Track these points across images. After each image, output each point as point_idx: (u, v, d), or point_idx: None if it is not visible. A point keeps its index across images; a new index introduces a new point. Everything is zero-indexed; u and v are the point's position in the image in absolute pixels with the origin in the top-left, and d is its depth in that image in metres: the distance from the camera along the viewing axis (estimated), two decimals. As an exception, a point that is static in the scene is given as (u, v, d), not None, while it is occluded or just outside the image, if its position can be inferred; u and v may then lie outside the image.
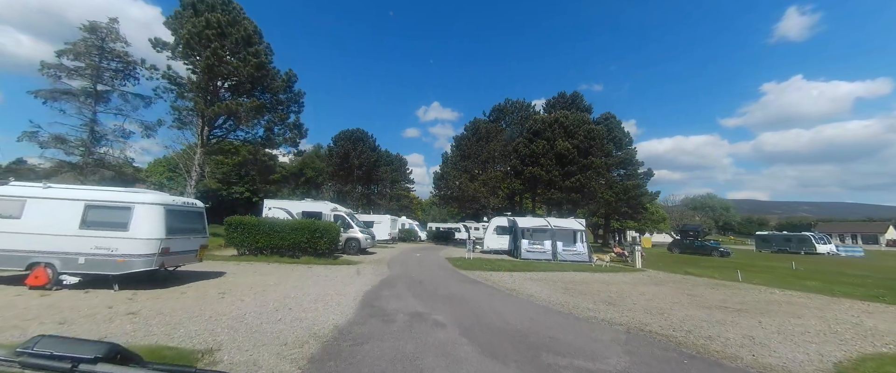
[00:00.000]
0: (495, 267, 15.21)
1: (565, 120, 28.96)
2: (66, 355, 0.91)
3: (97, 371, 0.89)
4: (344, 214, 20.07)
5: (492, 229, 24.58)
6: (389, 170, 50.94)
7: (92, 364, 0.89)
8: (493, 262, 17.47)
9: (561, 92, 37.29)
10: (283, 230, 14.98)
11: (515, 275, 13.24)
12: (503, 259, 19.86)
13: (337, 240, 15.56)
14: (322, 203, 20.27)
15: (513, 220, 23.92)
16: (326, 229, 15.14)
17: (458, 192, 33.16)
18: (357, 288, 9.21)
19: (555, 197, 27.08)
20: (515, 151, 30.32)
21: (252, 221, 15.10)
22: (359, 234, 19.69)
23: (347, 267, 13.73)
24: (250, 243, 15.01)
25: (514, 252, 22.43)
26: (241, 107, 17.89)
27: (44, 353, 0.91)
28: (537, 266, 16.44)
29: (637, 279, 13.44)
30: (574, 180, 26.41)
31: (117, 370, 0.91)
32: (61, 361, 0.90)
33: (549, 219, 23.27)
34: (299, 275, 11.10)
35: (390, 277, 11.59)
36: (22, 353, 0.92)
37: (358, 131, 45.47)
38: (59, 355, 0.91)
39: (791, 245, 45.45)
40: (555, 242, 21.08)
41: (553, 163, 27.61)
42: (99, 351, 0.92)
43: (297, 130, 21.44)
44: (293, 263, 14.11)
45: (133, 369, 0.93)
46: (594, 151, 27.22)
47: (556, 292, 9.77)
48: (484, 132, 34.78)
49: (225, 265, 12.58)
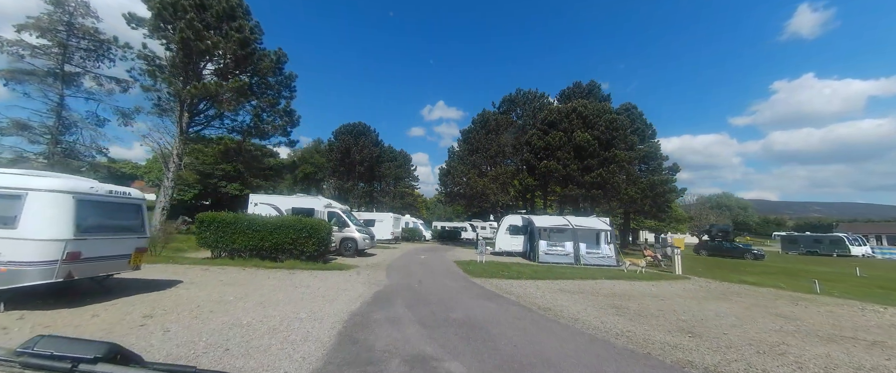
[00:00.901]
0: (514, 273, 12.82)
1: (584, 109, 26.43)
2: (66, 354, 0.91)
3: (97, 371, 0.89)
4: (339, 211, 17.79)
5: (504, 229, 22.17)
6: (393, 166, 48.67)
7: (92, 364, 0.89)
8: (509, 266, 15.08)
9: (576, 82, 34.73)
10: (263, 229, 12.71)
11: (541, 284, 10.84)
12: (519, 263, 17.45)
13: (327, 240, 13.27)
14: (314, 199, 18.01)
15: (528, 218, 21.49)
16: (315, 228, 12.85)
17: (465, 188, 30.78)
18: (340, 307, 6.87)
19: (573, 193, 24.59)
20: (528, 144, 27.85)
21: (227, 217, 12.85)
22: (356, 233, 17.40)
23: (338, 273, 11.42)
24: (226, 244, 12.77)
25: (530, 254, 20.01)
26: (222, 88, 15.66)
27: (44, 353, 0.92)
28: (562, 272, 14.01)
29: (690, 291, 10.97)
30: (595, 175, 23.90)
31: (117, 370, 0.91)
32: (61, 361, 0.90)
33: (568, 218, 20.80)
34: (274, 285, 8.80)
35: (387, 288, 9.25)
36: (22, 353, 0.92)
37: (360, 125, 43.23)
38: (59, 355, 0.91)
39: (822, 247, 42.52)
40: (577, 244, 18.62)
41: (571, 156, 25.10)
42: (99, 351, 0.93)
43: (289, 117, 19.19)
44: (274, 267, 11.84)
45: (133, 369, 0.93)
46: (617, 143, 24.67)
47: (606, 314, 7.36)
48: (494, 124, 32.36)
49: (188, 271, 10.33)
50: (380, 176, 46.12)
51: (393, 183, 51.41)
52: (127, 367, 0.93)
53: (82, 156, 19.21)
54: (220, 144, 17.34)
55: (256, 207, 17.46)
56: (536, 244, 18.80)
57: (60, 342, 0.95)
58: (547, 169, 25.21)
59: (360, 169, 42.65)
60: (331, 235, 13.66)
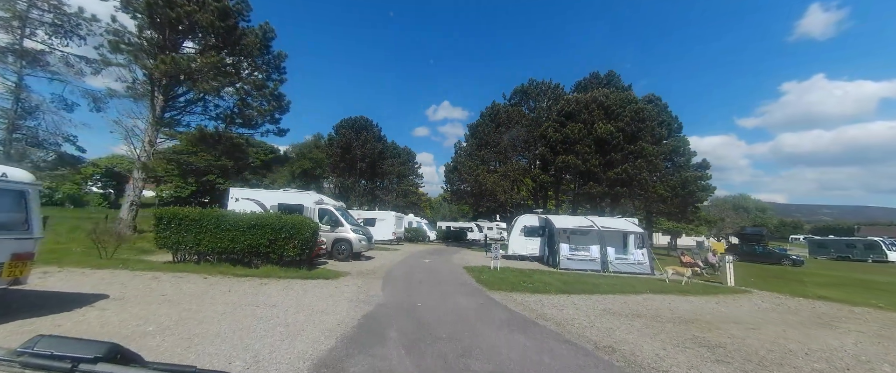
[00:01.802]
0: (539, 285, 10.46)
1: (606, 99, 23.97)
2: (66, 354, 0.90)
3: (97, 371, 0.88)
4: (331, 209, 15.54)
5: (518, 230, 19.79)
6: (396, 163, 46.41)
7: (92, 364, 0.89)
8: (529, 275, 12.72)
9: (593, 72, 32.24)
10: (235, 228, 10.47)
11: (578, 302, 8.48)
12: (539, 270, 15.08)
13: (312, 242, 11.00)
14: (304, 194, 15.77)
15: (546, 218, 19.10)
16: (297, 227, 10.58)
17: (473, 186, 28.43)
18: (303, 347, 4.58)
19: (593, 191, 22.14)
20: (543, 138, 25.44)
21: (190, 214, 10.63)
22: (350, 234, 15.13)
23: (322, 285, 9.15)
24: (190, 246, 10.55)
25: (549, 259, 17.64)
26: (195, 63, 13.48)
27: (44, 353, 0.91)
28: (594, 283, 11.62)
29: (770, 312, 8.56)
30: (619, 171, 21.45)
31: (118, 370, 0.90)
32: (61, 361, 0.89)
33: (592, 218, 18.39)
34: (228, 304, 6.55)
35: (380, 309, 6.95)
36: (22, 353, 0.91)
37: (361, 119, 41.02)
38: (59, 354, 0.91)
39: (855, 252, 39.63)
40: (604, 248, 16.22)
41: (591, 150, 22.66)
42: (99, 351, 0.92)
43: (277, 101, 16.99)
44: (245, 275, 9.61)
45: (133, 369, 0.92)
46: (643, 136, 22.20)
47: (698, 358, 4.99)
48: (504, 117, 29.96)
49: (130, 281, 8.13)
50: (382, 173, 43.88)
51: (396, 181, 49.18)
52: (127, 367, 0.93)
53: (46, 144, 17.13)
54: (195, 130, 15.17)
55: (237, 202, 15.28)
56: (557, 248, 16.43)
57: (60, 342, 0.95)
58: (564, 164, 22.80)
59: (361, 165, 40.45)
60: (317, 235, 11.38)
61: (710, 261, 16.37)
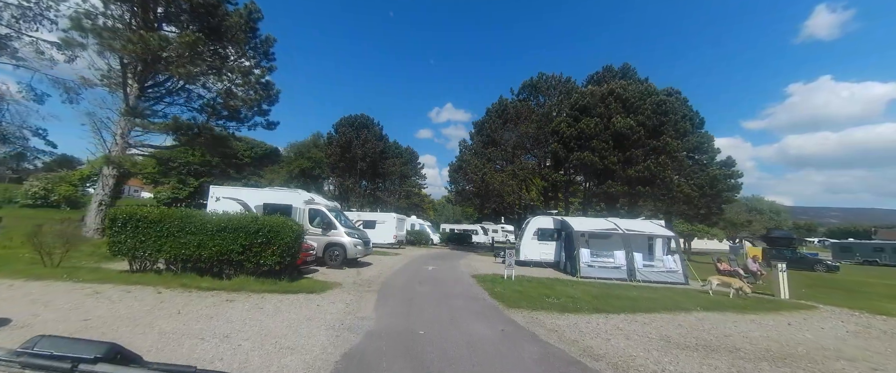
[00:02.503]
0: (565, 300, 8.68)
1: (623, 91, 22.19)
2: (66, 354, 0.90)
3: (97, 371, 0.88)
4: (323, 209, 13.84)
5: (530, 233, 18.00)
6: (398, 163, 44.72)
7: (92, 364, 0.88)
8: (550, 286, 10.93)
9: (606, 65, 30.43)
10: (201, 231, 8.78)
11: (623, 326, 6.70)
12: (558, 279, 13.29)
13: (295, 248, 9.28)
14: (292, 193, 14.10)
15: (562, 221, 17.33)
16: (276, 230, 8.88)
17: (479, 186, 26.67)
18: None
19: (613, 191, 20.31)
20: (556, 134, 23.66)
21: (149, 215, 8.96)
22: (344, 238, 13.42)
23: (302, 301, 7.44)
24: (150, 252, 8.88)
25: (566, 266, 15.85)
26: (169, 44, 11.87)
27: (44, 353, 0.91)
28: (630, 298, 9.82)
29: (868, 337, 6.75)
30: (641, 168, 19.63)
31: (117, 370, 0.89)
32: (61, 361, 0.89)
33: (615, 220, 16.59)
34: (171, 333, 4.85)
35: (369, 340, 5.21)
36: (22, 353, 0.91)
37: (362, 117, 39.41)
38: (59, 355, 0.90)
39: (883, 256, 37.51)
40: (631, 254, 14.41)
41: (609, 146, 20.86)
42: (99, 351, 0.92)
43: (265, 90, 15.36)
44: (212, 289, 7.93)
45: (133, 369, 0.92)
46: (666, 130, 20.36)
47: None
48: (512, 113, 28.22)
49: (64, 296, 6.50)
50: (384, 173, 42.20)
51: (398, 182, 47.49)
52: (127, 367, 0.92)
53: (12, 137, 15.57)
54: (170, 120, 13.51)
55: (218, 201, 13.63)
56: (576, 254, 14.62)
57: (60, 342, 0.94)
58: (580, 161, 21.00)
59: (361, 165, 38.79)
60: (301, 239, 9.66)
61: (751, 268, 14.50)
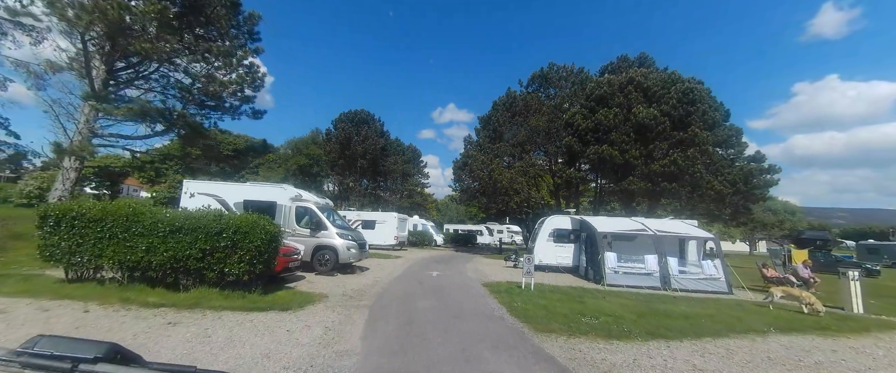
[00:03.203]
0: (608, 322, 6.87)
1: (644, 79, 20.34)
2: (66, 354, 0.90)
3: (97, 371, 0.87)
4: (312, 207, 12.10)
5: (545, 235, 16.17)
6: (400, 161, 42.97)
7: (92, 364, 0.88)
8: (578, 298, 9.13)
9: (622, 55, 28.56)
10: (151, 232, 7.06)
11: (699, 361, 4.90)
12: (582, 288, 11.49)
13: (269, 252, 7.52)
14: (277, 188, 12.37)
15: (581, 220, 15.50)
16: (244, 232, 7.14)
17: (487, 183, 24.86)
18: None
19: (634, 188, 18.45)
20: (569, 126, 21.82)
21: (89, 211, 7.26)
22: (336, 239, 11.67)
23: (270, 324, 5.72)
24: (89, 258, 7.17)
25: (588, 272, 14.03)
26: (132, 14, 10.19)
27: (44, 353, 0.90)
28: (683, 314, 8.00)
29: None
30: (666, 162, 17.77)
31: (117, 370, 0.89)
32: (61, 361, 0.88)
33: (642, 220, 14.76)
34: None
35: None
36: (22, 353, 0.91)
37: (362, 112, 37.68)
38: (59, 354, 0.90)
39: (915, 259, 35.28)
40: (664, 259, 12.57)
41: (630, 139, 19.01)
42: (99, 351, 0.92)
43: (250, 74, 13.67)
44: (160, 305, 6.25)
45: (133, 369, 0.92)
46: (694, 121, 18.48)
47: None
48: (522, 106, 26.41)
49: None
50: (385, 171, 40.45)
51: (400, 180, 45.72)
52: (127, 367, 0.92)
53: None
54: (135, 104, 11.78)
55: (192, 198, 11.92)
56: (600, 258, 12.80)
57: (60, 342, 0.94)
58: (597, 155, 19.15)
59: (362, 163, 37.07)
60: (277, 242, 7.89)
61: (802, 275, 12.61)
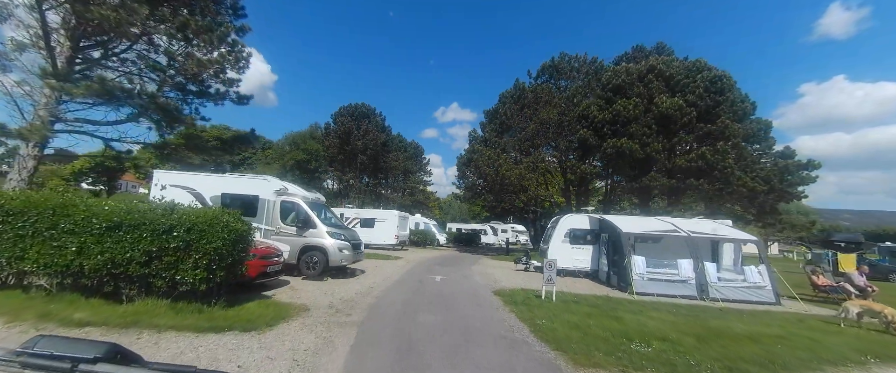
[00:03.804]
0: (664, 348, 5.35)
1: (667, 67, 18.77)
2: (66, 354, 0.90)
3: (97, 371, 0.87)
4: (299, 202, 10.63)
5: (560, 235, 14.63)
6: (402, 157, 41.49)
7: (92, 364, 0.88)
8: (612, 314, 7.62)
9: (636, 45, 26.97)
10: (84, 229, 5.62)
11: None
12: (607, 296, 9.97)
13: (233, 255, 6.03)
14: (260, 180, 10.90)
15: (602, 220, 13.96)
16: (200, 230, 5.68)
17: (493, 179, 23.33)
18: None
19: (657, 184, 16.89)
20: (584, 119, 20.26)
21: (10, 203, 5.82)
22: (326, 239, 10.20)
23: (219, 355, 4.21)
24: (7, 260, 5.72)
25: (612, 277, 12.51)
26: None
27: (44, 353, 0.90)
28: (752, 336, 6.47)
29: None
30: (693, 157, 16.19)
31: (117, 370, 0.89)
32: (61, 361, 0.88)
33: (671, 219, 13.23)
34: None
35: None
36: (22, 353, 0.91)
37: (362, 106, 36.21)
38: (59, 354, 0.90)
39: (945, 263, 33.46)
40: (700, 263, 11.02)
41: (652, 131, 17.44)
42: (99, 351, 0.92)
43: (233, 54, 12.21)
44: (86, 324, 4.83)
45: (133, 368, 0.91)
46: (723, 112, 16.88)
47: None
48: (531, 98, 24.85)
49: None
50: (386, 168, 38.95)
51: (402, 178, 44.25)
52: (127, 367, 0.91)
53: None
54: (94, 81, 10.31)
55: (164, 190, 10.51)
56: (627, 263, 11.25)
57: (60, 342, 0.93)
58: (615, 149, 17.58)
59: (362, 159, 35.62)
60: (245, 243, 6.39)
61: (857, 283, 11.02)
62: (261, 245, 8.66)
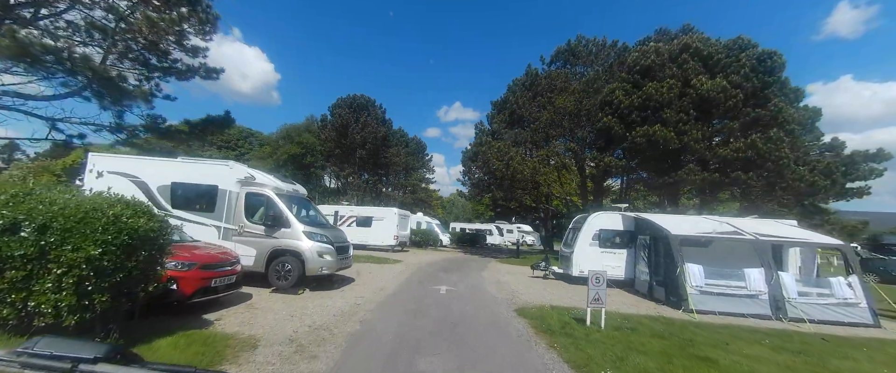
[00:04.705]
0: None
1: (704, 45, 16.47)
2: (66, 355, 0.89)
3: (97, 371, 0.86)
4: (270, 194, 8.43)
5: (588, 237, 12.36)
6: (403, 153, 39.30)
7: (92, 364, 0.87)
8: (693, 349, 5.40)
9: (660, 28, 24.62)
10: None
11: None
12: (672, 320, 7.76)
13: (133, 272, 3.90)
14: (219, 166, 8.72)
15: (639, 219, 11.73)
16: (68, 227, 3.52)
17: (504, 174, 21.10)
18: None
19: (695, 178, 14.60)
20: (607, 105, 17.99)
21: None
22: (302, 241, 8.03)
23: None
24: None
25: (651, 287, 10.28)
26: None
27: (44, 353, 0.89)
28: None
29: None
30: (740, 146, 13.91)
31: (117, 370, 0.87)
32: (61, 361, 0.87)
33: (728, 219, 10.97)
34: None
35: None
36: (22, 353, 0.90)
37: (361, 97, 34.03)
38: (59, 355, 0.89)
39: None
40: (773, 273, 8.78)
41: (689, 117, 15.17)
42: (99, 351, 0.90)
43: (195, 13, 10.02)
44: None
45: (133, 368, 0.90)
46: (773, 94, 14.59)
47: None
48: (545, 84, 22.62)
49: None
50: (386, 164, 36.77)
51: (403, 174, 42.06)
52: (127, 367, 0.90)
53: None
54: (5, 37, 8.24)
55: (100, 179, 8.37)
56: (679, 273, 9.00)
57: (60, 342, 0.93)
58: (646, 138, 15.30)
59: (361, 153, 33.46)
60: (156, 248, 4.22)
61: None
62: (209, 250, 6.51)
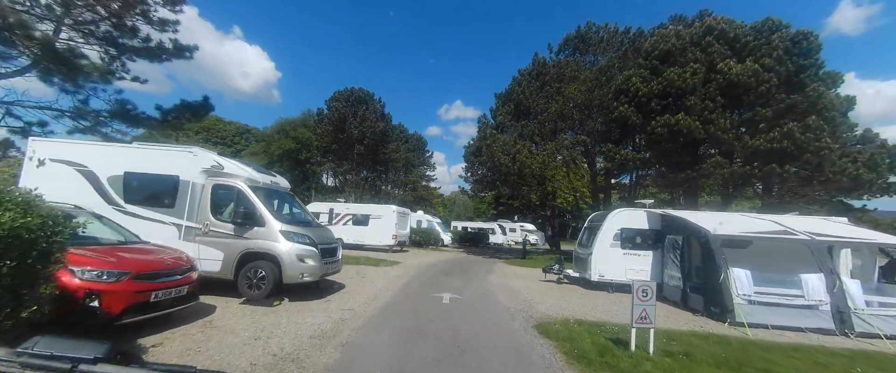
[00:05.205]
0: None
1: (729, 27, 15.11)
2: (66, 355, 0.88)
3: (97, 371, 0.85)
4: (241, 186, 7.10)
5: (608, 236, 10.98)
6: (404, 149, 37.96)
7: (92, 364, 0.86)
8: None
9: (675, 14, 23.19)
10: None
11: None
12: (714, 334, 6.42)
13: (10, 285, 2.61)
14: (181, 152, 7.37)
15: (667, 216, 10.42)
16: None
17: (510, 168, 19.77)
18: None
19: (723, 172, 13.25)
20: (623, 94, 16.63)
21: None
22: (279, 242, 6.71)
23: None
24: None
25: (685, 295, 8.94)
26: None
27: (44, 353, 0.89)
28: None
29: None
30: (774, 136, 12.55)
31: (117, 370, 0.87)
32: (61, 361, 0.87)
33: (772, 217, 9.65)
34: None
35: None
36: (22, 353, 0.90)
37: (359, 90, 32.68)
38: (59, 355, 0.88)
39: None
40: (836, 281, 7.46)
41: (716, 104, 13.81)
42: (99, 351, 0.90)
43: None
44: None
45: (133, 368, 0.90)
46: (809, 79, 13.25)
47: None
48: (554, 73, 21.27)
49: None
50: (386, 160, 35.44)
51: (403, 171, 40.74)
52: (127, 367, 0.89)
53: None
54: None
55: (42, 167, 7.06)
56: (723, 279, 7.68)
57: (60, 343, 0.92)
58: (668, 128, 13.95)
59: (359, 149, 32.13)
60: (36, 262, 2.93)
61: None
62: (152, 254, 5.19)
